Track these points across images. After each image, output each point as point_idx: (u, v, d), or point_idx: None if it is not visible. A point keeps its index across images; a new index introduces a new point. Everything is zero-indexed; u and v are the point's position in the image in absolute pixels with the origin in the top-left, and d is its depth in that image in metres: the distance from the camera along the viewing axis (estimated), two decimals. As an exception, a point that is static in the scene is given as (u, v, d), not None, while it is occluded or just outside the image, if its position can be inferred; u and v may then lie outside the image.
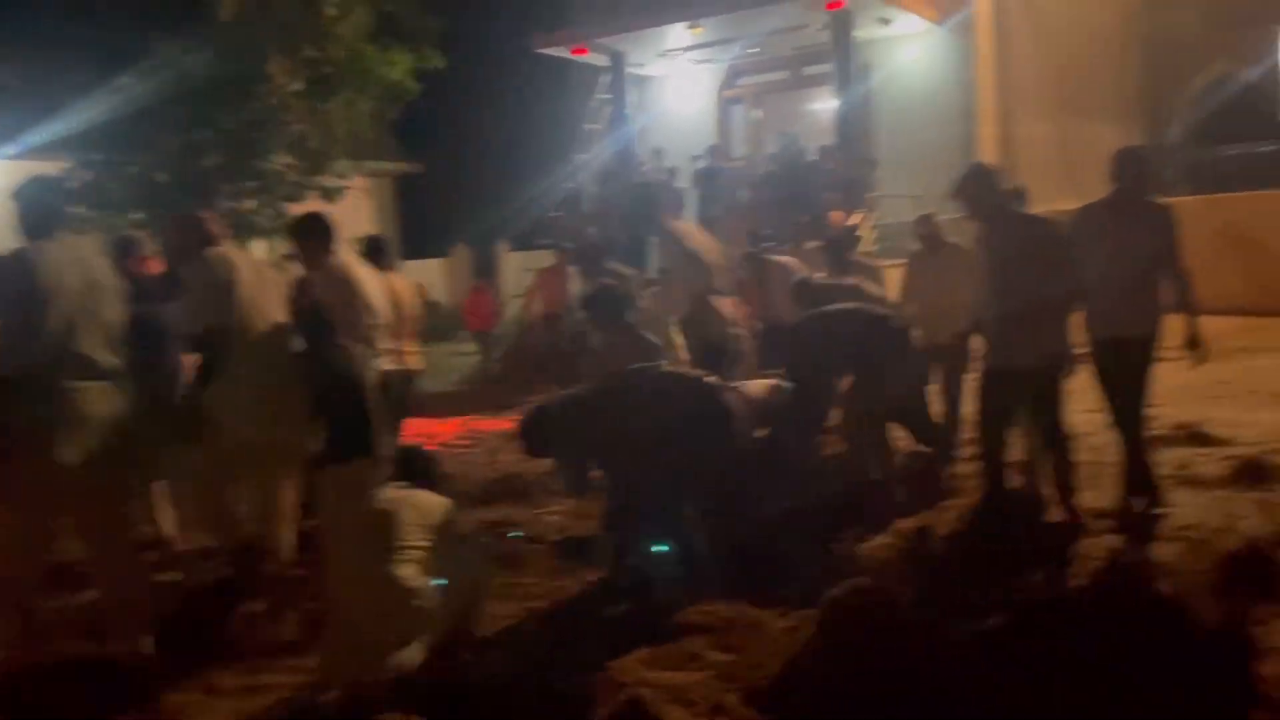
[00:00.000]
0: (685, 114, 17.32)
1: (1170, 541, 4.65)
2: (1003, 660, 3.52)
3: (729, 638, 3.94)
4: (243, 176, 12.25)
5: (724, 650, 3.85)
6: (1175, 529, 4.80)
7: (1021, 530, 4.86)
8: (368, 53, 12.19)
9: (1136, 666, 3.36)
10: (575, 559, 5.00)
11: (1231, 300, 12.95)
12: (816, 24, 14.23)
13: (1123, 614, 3.88)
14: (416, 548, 3.71)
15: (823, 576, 4.25)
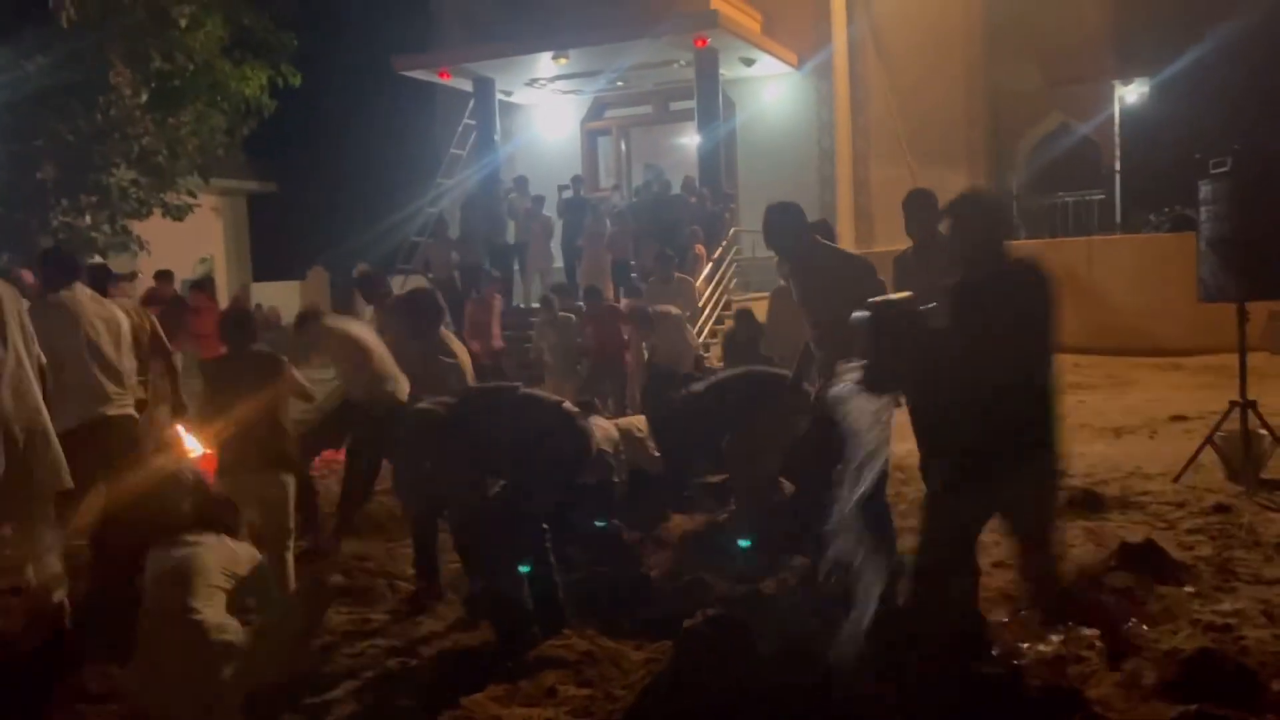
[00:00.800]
0: (551, 143, 17.35)
1: (1002, 569, 4.84)
2: (854, 687, 3.58)
3: (586, 671, 3.87)
4: (82, 190, 11.57)
5: (581, 684, 3.78)
6: (1010, 556, 5.00)
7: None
8: (221, 66, 11.74)
9: (965, 690, 3.46)
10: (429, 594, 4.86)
11: (1065, 338, 13.77)
12: (682, 60, 14.51)
13: (950, 635, 4.00)
14: (219, 589, 3.54)
15: (683, 607, 4.25)
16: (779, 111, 15.83)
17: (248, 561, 3.73)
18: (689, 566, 5.13)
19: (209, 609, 3.47)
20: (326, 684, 3.91)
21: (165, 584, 3.54)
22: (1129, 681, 3.50)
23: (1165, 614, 4.11)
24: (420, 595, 4.86)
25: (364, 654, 4.20)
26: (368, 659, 4.15)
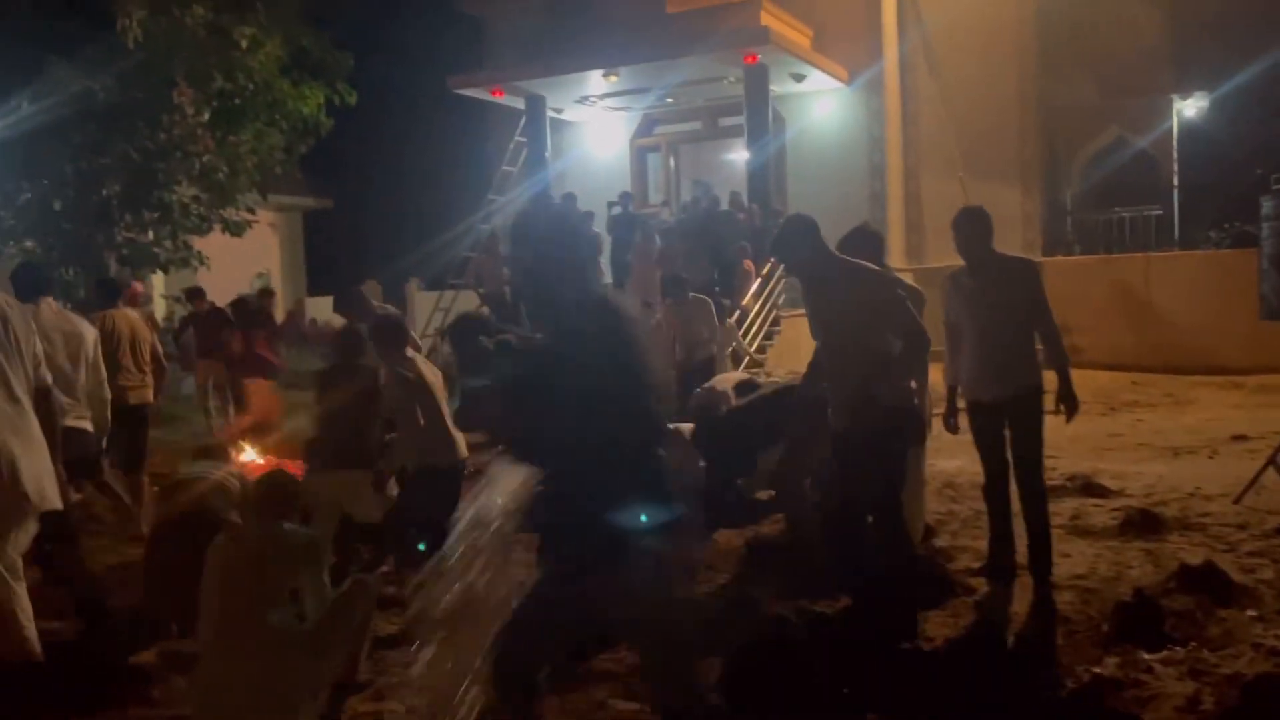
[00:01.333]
0: (601, 160, 17.47)
1: (1061, 590, 4.77)
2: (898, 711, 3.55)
3: (636, 685, 3.88)
4: (145, 206, 11.88)
5: (630, 698, 3.79)
6: (1067, 578, 4.93)
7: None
8: (279, 86, 12.01)
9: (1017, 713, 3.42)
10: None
11: (1122, 356, 13.55)
12: (732, 77, 14.54)
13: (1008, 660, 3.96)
14: (286, 585, 3.55)
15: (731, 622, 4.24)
16: (829, 127, 15.80)
17: (313, 553, 3.71)
18: (738, 581, 5.11)
19: (277, 604, 3.50)
20: (375, 694, 3.95)
21: (235, 579, 3.56)
22: (1189, 706, 3.43)
23: (1226, 638, 4.02)
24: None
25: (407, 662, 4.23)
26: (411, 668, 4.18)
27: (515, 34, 16.81)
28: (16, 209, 11.52)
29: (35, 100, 10.39)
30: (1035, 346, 4.79)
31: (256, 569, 3.53)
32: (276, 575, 3.54)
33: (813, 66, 14.77)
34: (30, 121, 10.44)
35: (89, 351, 5.59)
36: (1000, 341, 4.72)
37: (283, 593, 3.53)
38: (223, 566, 3.58)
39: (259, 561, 3.55)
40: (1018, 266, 4.89)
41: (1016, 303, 4.72)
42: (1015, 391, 4.68)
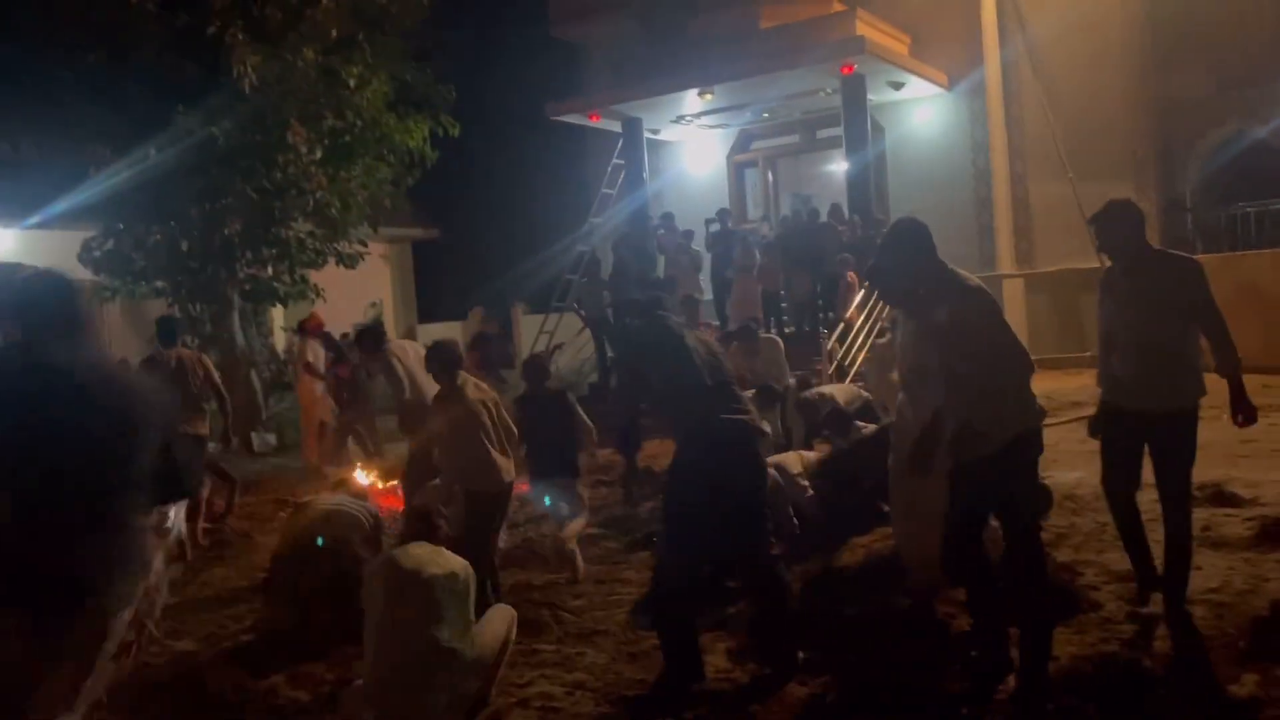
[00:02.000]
0: (699, 177, 17.53)
1: (1194, 604, 4.57)
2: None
3: (748, 705, 3.87)
4: (264, 244, 12.44)
5: (740, 718, 3.78)
6: (1199, 592, 4.72)
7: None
8: (386, 121, 12.44)
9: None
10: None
11: (1249, 358, 12.85)
12: (828, 89, 14.44)
13: (1139, 679, 3.80)
14: (442, 603, 3.72)
15: (843, 640, 4.20)
16: (930, 133, 15.54)
17: (464, 575, 3.87)
18: (849, 598, 5.04)
19: (441, 623, 3.67)
20: (494, 715, 4.02)
21: (395, 596, 3.73)
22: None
23: (1376, 655, 3.79)
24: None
25: (532, 684, 4.31)
26: (536, 691, 4.25)
27: (610, 58, 17.05)
28: (147, 250, 12.20)
29: (162, 147, 11.00)
30: (1199, 355, 4.31)
31: (417, 590, 3.71)
32: (435, 596, 3.72)
33: (911, 73, 14.56)
34: (158, 167, 11.05)
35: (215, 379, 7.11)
36: (1158, 347, 4.23)
37: (439, 613, 3.69)
38: (384, 586, 3.76)
39: (419, 582, 3.72)
40: (1179, 263, 4.33)
41: (1178, 304, 4.21)
42: (1171, 406, 4.23)
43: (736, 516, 4.12)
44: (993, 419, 3.73)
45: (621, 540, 6.72)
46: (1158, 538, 5.29)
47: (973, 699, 3.76)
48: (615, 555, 6.44)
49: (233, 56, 10.85)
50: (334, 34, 11.64)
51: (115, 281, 12.48)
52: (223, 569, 6.75)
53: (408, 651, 3.65)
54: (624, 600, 5.44)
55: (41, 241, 16.23)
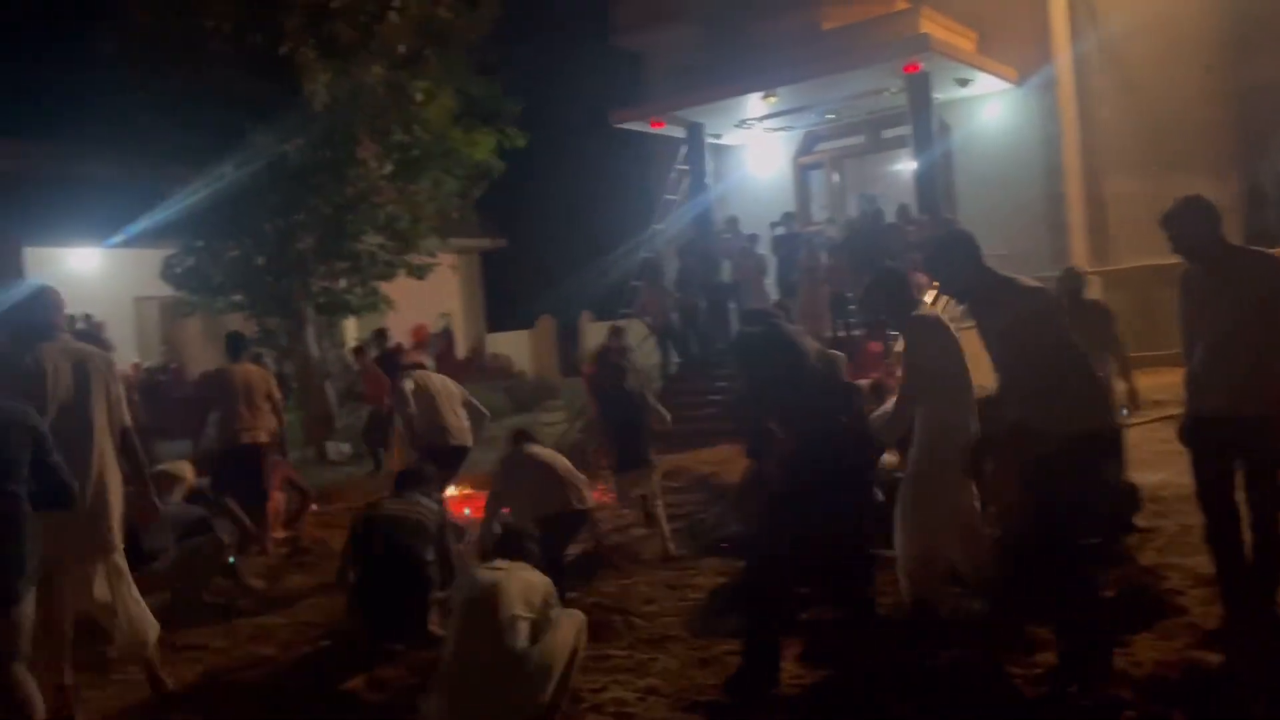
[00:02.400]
0: (763, 181, 17.45)
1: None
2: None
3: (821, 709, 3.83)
4: (336, 257, 12.71)
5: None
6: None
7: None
8: (453, 135, 12.62)
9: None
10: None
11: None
12: (893, 88, 14.27)
13: (1224, 688, 3.68)
14: (523, 619, 3.78)
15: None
16: (999, 130, 15.25)
17: (542, 590, 3.96)
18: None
19: (517, 636, 3.72)
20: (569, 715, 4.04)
21: (475, 609, 3.81)
22: None
23: None
24: None
25: (605, 689, 4.32)
26: (609, 697, 4.26)
27: (673, 65, 17.06)
28: (225, 266, 12.55)
29: (237, 165, 11.32)
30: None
31: (495, 599, 3.77)
32: (512, 605, 3.78)
33: (978, 70, 14.31)
34: (234, 185, 11.38)
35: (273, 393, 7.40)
36: (1240, 349, 3.98)
37: (517, 622, 3.75)
38: (464, 597, 3.87)
39: (497, 592, 3.79)
40: (1263, 261, 4.09)
41: (1261, 302, 3.95)
42: (1258, 410, 3.92)
43: (843, 525, 4.17)
44: (1049, 417, 3.69)
45: (692, 546, 6.71)
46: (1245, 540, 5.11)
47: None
48: (686, 561, 6.43)
49: (304, 75, 11.11)
50: (401, 50, 11.86)
51: (195, 297, 12.86)
52: (300, 576, 6.89)
53: (480, 661, 3.70)
54: (695, 606, 5.43)
55: (125, 260, 16.85)
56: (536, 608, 3.87)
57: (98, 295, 16.92)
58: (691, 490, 8.59)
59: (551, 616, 3.94)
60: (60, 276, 16.36)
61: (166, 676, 4.60)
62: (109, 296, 17.18)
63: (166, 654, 5.30)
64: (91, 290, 17.08)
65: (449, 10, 12.13)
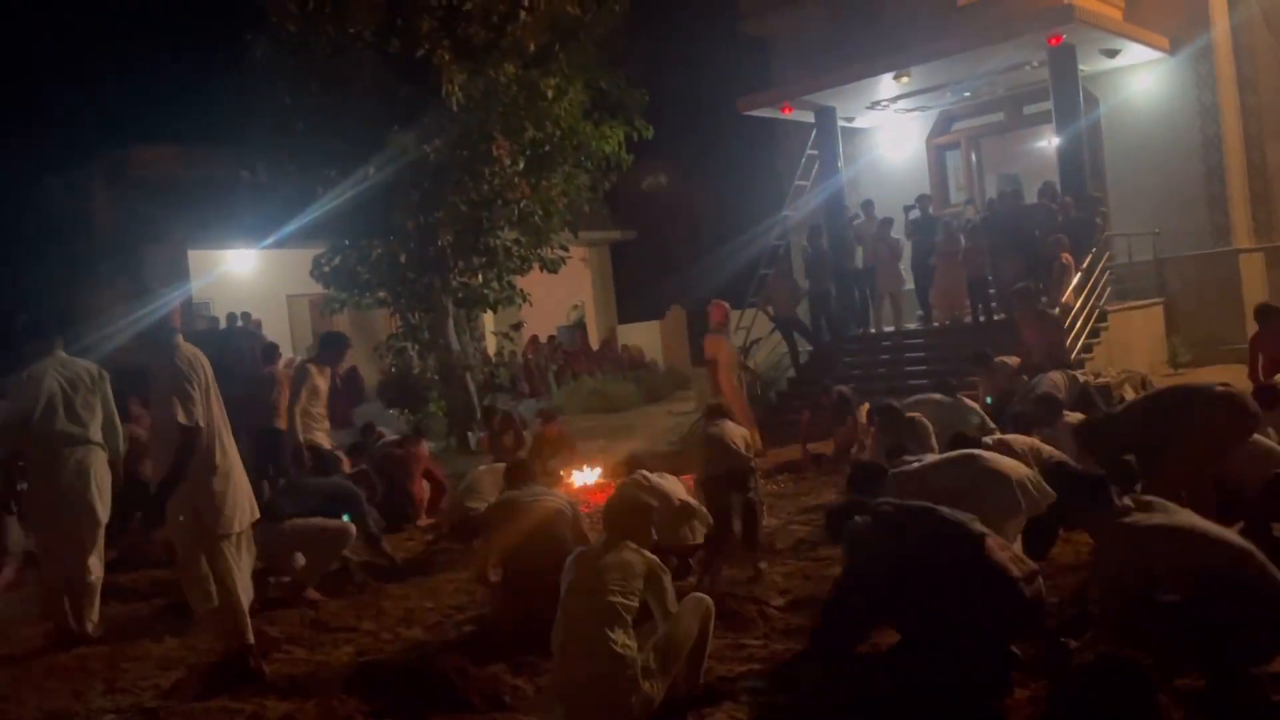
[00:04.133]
0: (896, 163, 17.05)
1: None
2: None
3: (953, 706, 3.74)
4: (473, 252, 13.06)
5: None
6: None
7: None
8: (583, 129, 12.77)
9: None
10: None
11: None
12: (1035, 61, 13.71)
13: None
14: (624, 608, 3.76)
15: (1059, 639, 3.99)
16: (1149, 102, 14.46)
17: (644, 571, 3.89)
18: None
19: (617, 634, 3.70)
20: (704, 703, 4.07)
21: (578, 595, 3.84)
22: None
23: None
24: None
25: (741, 679, 4.33)
26: (745, 686, 4.27)
27: (801, 49, 16.83)
28: (371, 264, 13.05)
29: (380, 166, 11.75)
30: None
31: (599, 587, 3.78)
32: (617, 593, 3.77)
33: (1127, 39, 13.60)
34: (377, 186, 11.81)
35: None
36: None
37: (621, 611, 3.74)
38: (569, 584, 3.90)
39: (601, 580, 3.80)
40: None
41: None
42: None
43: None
44: None
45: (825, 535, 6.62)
46: None
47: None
48: (820, 550, 6.37)
49: (441, 77, 11.43)
50: (532, 47, 12.07)
51: (343, 294, 13.42)
52: (445, 561, 7.14)
53: (583, 660, 3.72)
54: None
55: (278, 259, 17.74)
56: (638, 591, 3.80)
57: (253, 294, 17.90)
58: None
59: (661, 599, 3.90)
60: (219, 276, 17.38)
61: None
62: (264, 295, 18.14)
63: (320, 634, 5.61)
64: (248, 289, 18.08)
65: (577, 6, 12.27)
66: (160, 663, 5.31)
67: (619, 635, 3.70)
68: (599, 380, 18.45)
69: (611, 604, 3.74)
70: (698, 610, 4.01)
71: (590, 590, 3.80)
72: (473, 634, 5.36)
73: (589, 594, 3.79)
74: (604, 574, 3.81)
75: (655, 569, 3.93)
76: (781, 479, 9.29)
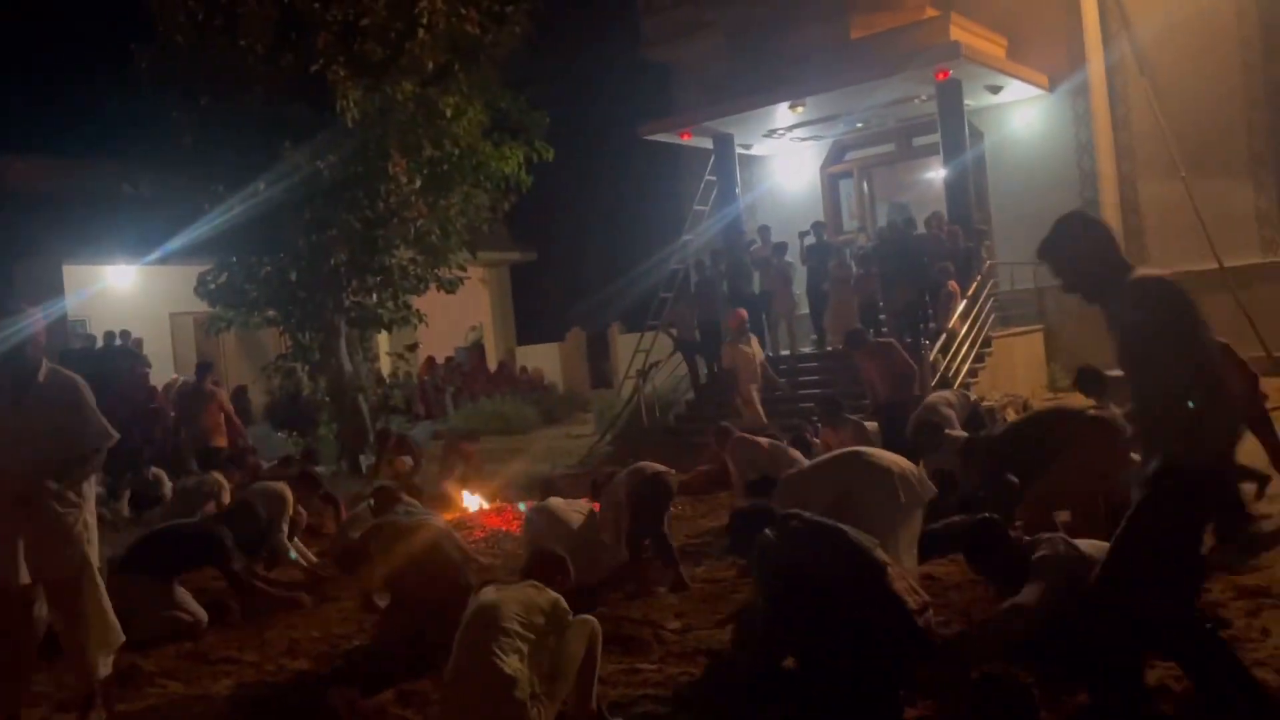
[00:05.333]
0: (792, 191, 17.41)
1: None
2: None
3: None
4: (368, 272, 12.80)
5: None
6: None
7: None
8: (483, 148, 12.68)
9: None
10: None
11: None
12: (923, 95, 14.19)
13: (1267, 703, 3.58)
14: (520, 637, 3.71)
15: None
16: (1031, 137, 15.12)
17: (548, 609, 3.86)
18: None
19: (509, 658, 3.63)
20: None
21: (472, 628, 3.76)
22: None
23: None
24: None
25: (636, 704, 4.29)
26: (640, 711, 4.23)
27: (701, 77, 17.09)
28: (259, 282, 12.67)
29: (271, 183, 11.44)
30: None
31: (497, 617, 3.72)
32: (514, 623, 3.73)
33: (1009, 76, 14.21)
34: (268, 202, 11.49)
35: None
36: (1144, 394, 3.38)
37: (518, 640, 3.69)
38: (470, 614, 3.83)
39: (500, 611, 3.75)
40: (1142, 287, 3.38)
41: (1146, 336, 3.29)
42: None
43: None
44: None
45: (726, 560, 6.65)
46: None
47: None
48: (718, 573, 6.39)
49: (336, 93, 11.22)
50: (430, 66, 11.94)
51: (230, 312, 12.99)
52: (334, 587, 6.92)
53: (471, 680, 3.66)
54: (724, 619, 5.38)
55: (162, 276, 17.09)
56: (538, 627, 3.78)
57: (134, 311, 17.20)
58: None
59: (561, 634, 3.87)
60: (97, 293, 16.65)
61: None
62: (145, 312, 17.45)
63: (198, 666, 5.36)
64: (128, 306, 17.36)
65: (477, 26, 12.20)
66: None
67: (511, 660, 3.63)
68: (497, 402, 18.27)
69: (506, 629, 3.68)
70: (584, 631, 3.93)
71: (488, 621, 3.74)
72: (359, 664, 5.19)
73: (486, 624, 3.73)
74: (504, 605, 3.77)
75: (559, 606, 3.91)
76: (680, 502, 9.30)
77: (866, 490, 5.26)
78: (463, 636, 3.78)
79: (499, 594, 3.88)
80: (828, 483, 5.43)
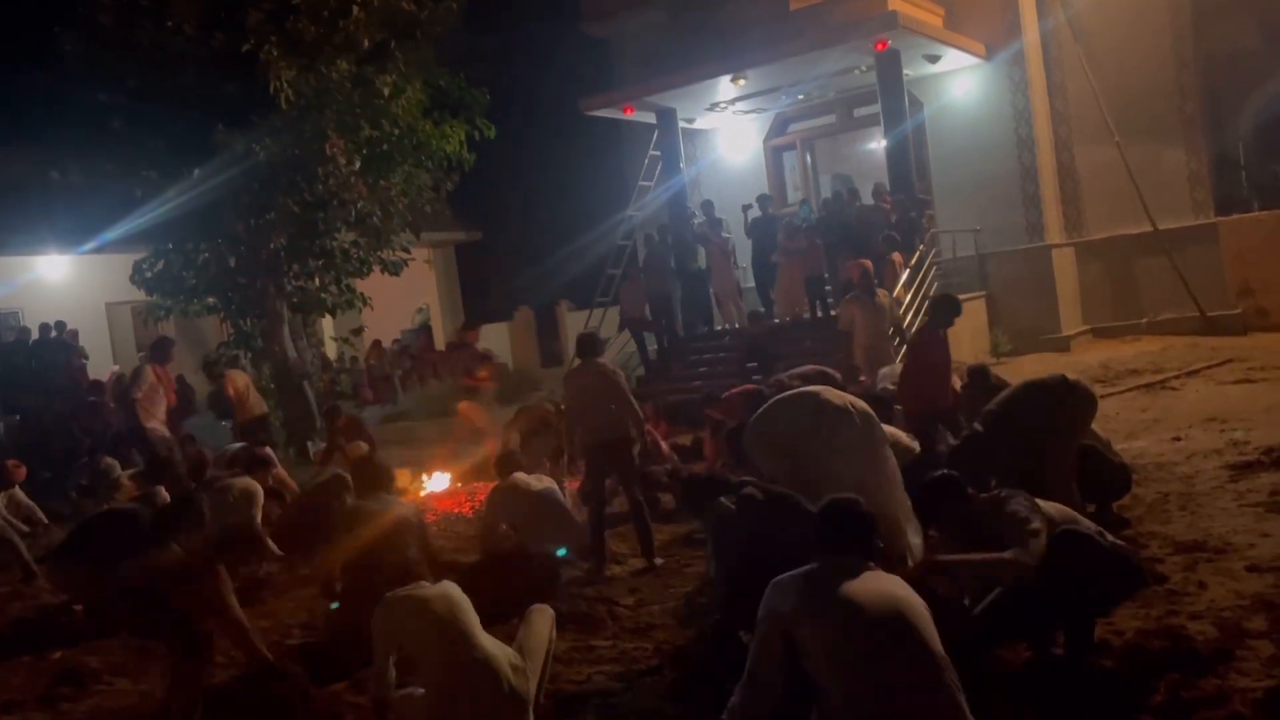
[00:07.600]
0: (736, 164, 17.42)
1: (1264, 574, 4.44)
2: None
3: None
4: (309, 255, 12.60)
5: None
6: (1270, 559, 4.59)
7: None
8: (423, 127, 12.51)
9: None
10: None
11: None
12: (863, 66, 14.25)
13: (1202, 655, 3.70)
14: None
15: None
16: (969, 105, 15.26)
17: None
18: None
19: (487, 639, 3.67)
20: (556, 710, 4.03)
21: (450, 614, 3.72)
22: None
23: None
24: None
25: (589, 680, 4.31)
26: (593, 685, 4.26)
27: (642, 51, 16.98)
28: (197, 269, 12.43)
29: (206, 168, 11.19)
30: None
31: (470, 608, 3.75)
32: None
33: (947, 45, 14.30)
34: (203, 187, 11.24)
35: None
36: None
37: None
38: (443, 609, 3.77)
39: (467, 604, 3.76)
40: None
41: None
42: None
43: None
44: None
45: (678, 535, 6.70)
46: (1222, 505, 5.18)
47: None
48: (671, 549, 6.42)
49: (269, 73, 10.98)
50: (366, 44, 11.74)
51: (168, 300, 12.74)
52: (285, 575, 6.85)
53: (470, 663, 3.65)
54: (678, 594, 5.43)
55: (96, 265, 16.66)
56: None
57: (69, 302, 16.75)
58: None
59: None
60: (29, 284, 16.21)
61: None
62: (81, 303, 17.00)
63: (147, 661, 5.27)
64: (63, 297, 16.90)
65: (413, 3, 12.00)
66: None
67: (494, 641, 3.71)
68: (447, 384, 18.10)
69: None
70: (544, 617, 4.03)
71: (467, 607, 3.75)
72: (312, 650, 5.15)
73: (467, 609, 3.73)
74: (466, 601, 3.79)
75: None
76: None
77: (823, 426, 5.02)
78: (446, 624, 3.70)
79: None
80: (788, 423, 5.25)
